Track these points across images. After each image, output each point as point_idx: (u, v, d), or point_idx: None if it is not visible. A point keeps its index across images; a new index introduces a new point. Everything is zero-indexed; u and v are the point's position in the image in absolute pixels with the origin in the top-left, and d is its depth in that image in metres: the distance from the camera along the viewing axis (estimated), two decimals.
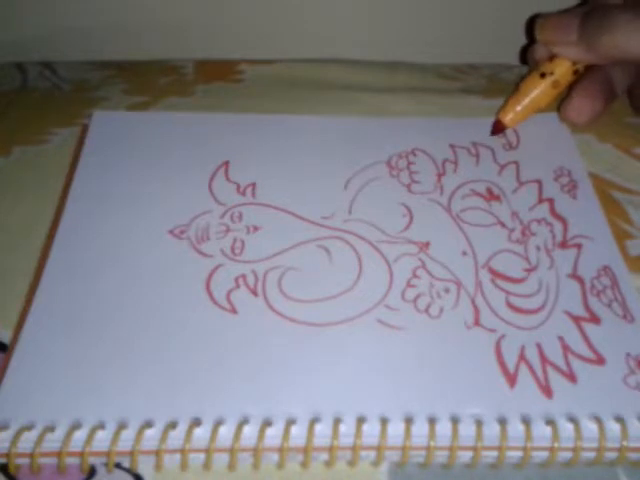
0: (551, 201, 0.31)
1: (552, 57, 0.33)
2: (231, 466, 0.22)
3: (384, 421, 0.23)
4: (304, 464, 0.22)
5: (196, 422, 0.23)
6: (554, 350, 0.25)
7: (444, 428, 0.23)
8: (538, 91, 0.33)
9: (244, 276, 0.27)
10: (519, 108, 0.34)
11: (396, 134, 0.34)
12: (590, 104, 0.34)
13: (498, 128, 0.34)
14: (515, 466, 0.23)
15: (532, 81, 0.34)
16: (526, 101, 0.34)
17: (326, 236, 0.29)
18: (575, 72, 0.33)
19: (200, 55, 0.42)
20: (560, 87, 0.34)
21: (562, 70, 0.33)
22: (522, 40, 0.42)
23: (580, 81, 0.34)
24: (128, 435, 0.22)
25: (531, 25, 0.35)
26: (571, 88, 0.34)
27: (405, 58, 0.41)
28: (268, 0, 0.42)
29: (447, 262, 0.28)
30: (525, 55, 0.37)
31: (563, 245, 0.29)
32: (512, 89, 0.35)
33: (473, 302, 0.27)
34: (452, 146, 0.34)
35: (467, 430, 0.23)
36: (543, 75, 0.33)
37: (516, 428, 0.23)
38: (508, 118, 0.34)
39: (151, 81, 0.39)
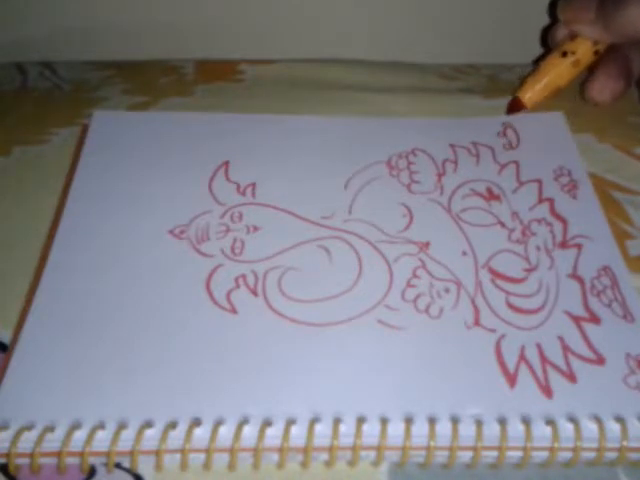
0: (551, 201, 0.31)
1: (573, 37, 0.34)
2: (231, 466, 0.22)
3: (384, 421, 0.23)
4: (304, 464, 0.22)
5: (196, 422, 0.23)
6: (554, 350, 0.25)
7: (444, 428, 0.23)
8: (559, 70, 0.34)
9: (244, 276, 0.27)
10: (539, 87, 0.34)
11: (396, 134, 0.34)
12: (612, 84, 0.34)
13: (516, 106, 0.34)
14: (515, 466, 0.23)
15: (553, 60, 0.34)
16: (546, 79, 0.34)
17: (326, 236, 0.29)
18: (596, 52, 0.34)
19: (200, 55, 0.42)
20: (580, 66, 0.34)
21: (583, 49, 0.34)
22: (522, 40, 0.42)
23: (601, 62, 0.35)
24: (128, 435, 0.22)
25: (554, 6, 0.35)
26: (591, 69, 0.35)
27: (405, 58, 0.41)
28: (268, 0, 0.42)
29: (447, 262, 0.28)
30: (546, 36, 0.38)
31: (563, 245, 0.29)
32: (530, 71, 0.35)
33: (473, 302, 0.27)
34: (452, 146, 0.34)
35: (467, 430, 0.23)
36: (565, 54, 0.34)
37: (516, 428, 0.23)
38: (527, 96, 0.34)
39: (151, 81, 0.39)
